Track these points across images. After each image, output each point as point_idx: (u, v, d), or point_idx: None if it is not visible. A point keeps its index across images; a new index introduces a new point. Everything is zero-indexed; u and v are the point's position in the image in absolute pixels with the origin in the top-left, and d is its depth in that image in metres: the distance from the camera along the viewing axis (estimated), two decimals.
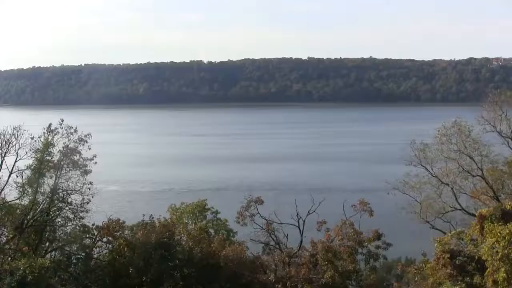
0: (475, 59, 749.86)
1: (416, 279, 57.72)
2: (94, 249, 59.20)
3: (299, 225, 63.98)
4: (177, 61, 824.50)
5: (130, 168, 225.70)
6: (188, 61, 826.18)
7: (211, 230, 70.09)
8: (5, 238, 55.76)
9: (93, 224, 59.58)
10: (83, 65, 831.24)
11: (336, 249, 59.39)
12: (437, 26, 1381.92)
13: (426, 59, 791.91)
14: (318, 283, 56.54)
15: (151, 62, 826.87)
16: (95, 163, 59.29)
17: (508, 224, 41.62)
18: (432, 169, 69.24)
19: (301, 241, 62.98)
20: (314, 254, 59.92)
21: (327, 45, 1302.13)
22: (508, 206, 47.34)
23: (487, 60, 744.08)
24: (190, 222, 70.46)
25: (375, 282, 61.53)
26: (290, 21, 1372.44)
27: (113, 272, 54.15)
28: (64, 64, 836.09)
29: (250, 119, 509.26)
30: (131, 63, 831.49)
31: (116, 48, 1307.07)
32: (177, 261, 55.21)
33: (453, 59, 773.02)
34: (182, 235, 59.77)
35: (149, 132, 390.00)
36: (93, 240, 59.40)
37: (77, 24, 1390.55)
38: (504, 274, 39.70)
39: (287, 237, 64.69)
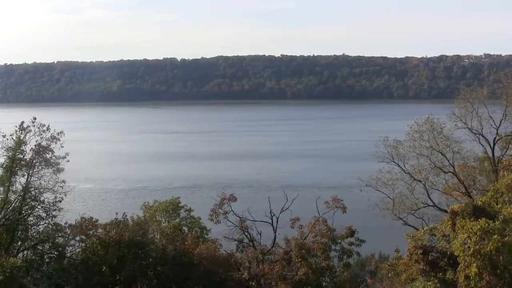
0: (447, 56, 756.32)
1: (389, 275, 58.07)
2: (67, 248, 58.67)
3: (272, 222, 64.00)
4: (150, 59, 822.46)
5: (104, 166, 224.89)
6: (162, 58, 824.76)
7: (185, 228, 70.00)
8: None
9: (66, 223, 59.05)
10: (55, 62, 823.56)
11: (310, 246, 59.46)
12: (409, 24, 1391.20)
13: (398, 57, 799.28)
14: (292, 280, 56.59)
15: (124, 59, 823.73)
16: (68, 161, 58.82)
17: (479, 220, 41.97)
18: (404, 165, 69.73)
19: (275, 238, 62.99)
20: (288, 251, 60.00)
21: (300, 42, 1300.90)
22: (480, 202, 47.77)
23: (458, 57, 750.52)
24: (164, 220, 70.29)
25: (349, 278, 61.77)
26: (263, 19, 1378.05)
27: (86, 270, 53.80)
28: (37, 62, 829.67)
29: (224, 116, 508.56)
30: (104, 61, 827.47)
31: (89, 45, 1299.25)
32: (151, 259, 55.06)
33: (425, 56, 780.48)
34: (156, 233, 59.63)
35: (123, 129, 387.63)
36: (66, 238, 58.90)
37: (50, 22, 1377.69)
38: (476, 269, 40.01)
39: (260, 234, 64.67)
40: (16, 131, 57.10)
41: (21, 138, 56.73)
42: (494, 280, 40.67)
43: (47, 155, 57.36)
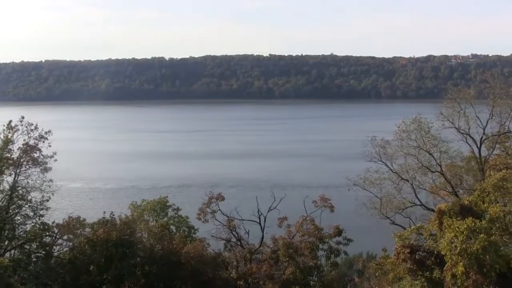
0: (434, 56, 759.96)
1: (377, 274, 58.25)
2: (54, 247, 58.49)
3: (260, 221, 64.05)
4: (139, 58, 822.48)
5: (92, 165, 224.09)
6: (150, 57, 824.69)
7: (173, 227, 69.94)
8: None
9: (53, 222, 58.82)
10: (43, 61, 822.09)
11: (297, 245, 59.51)
12: (397, 24, 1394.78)
13: (386, 57, 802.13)
14: (280, 279, 56.66)
15: (112, 58, 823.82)
16: (56, 160, 58.71)
17: (466, 219, 42.19)
18: (392, 165, 70.00)
19: (262, 238, 63.03)
20: (275, 250, 60.03)
21: (288, 42, 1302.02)
22: (466, 201, 48.04)
23: (445, 57, 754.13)
24: (152, 219, 70.28)
25: (336, 277, 61.87)
26: (251, 18, 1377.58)
27: (74, 270, 53.60)
28: (24, 60, 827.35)
29: (212, 116, 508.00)
30: (92, 60, 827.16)
31: (77, 44, 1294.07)
32: (138, 259, 54.94)
33: (412, 56, 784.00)
34: (143, 232, 59.50)
35: (111, 129, 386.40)
36: (53, 238, 58.70)
37: (37, 20, 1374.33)
38: (463, 268, 40.22)
39: (248, 233, 64.68)
40: (3, 130, 56.95)
41: (9, 137, 56.55)
42: (480, 278, 40.89)
43: (34, 154, 57.23)
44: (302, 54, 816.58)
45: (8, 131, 56.83)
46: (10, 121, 57.42)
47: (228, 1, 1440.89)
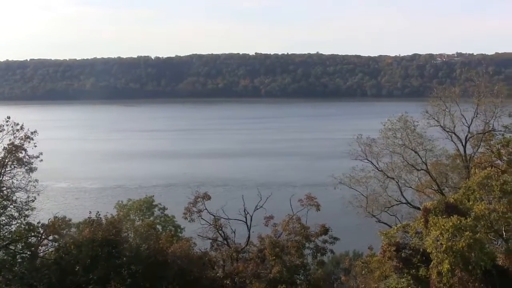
0: (420, 55, 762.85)
1: (363, 272, 58.48)
2: (39, 247, 58.11)
3: (246, 220, 64.11)
4: (124, 57, 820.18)
5: (78, 165, 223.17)
6: (135, 56, 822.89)
7: (159, 227, 69.79)
8: None
9: (38, 222, 58.41)
10: (28, 60, 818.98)
11: (284, 244, 59.60)
12: (383, 23, 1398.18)
13: (372, 55, 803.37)
14: (266, 278, 56.70)
15: (98, 57, 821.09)
16: (41, 160, 58.37)
17: (451, 217, 42.40)
18: (378, 163, 70.24)
19: (249, 237, 63.08)
20: (262, 249, 60.07)
21: (274, 40, 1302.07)
22: (452, 199, 48.31)
23: (431, 56, 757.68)
24: (137, 218, 70.14)
25: (323, 276, 62.03)
26: (237, 17, 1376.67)
27: (59, 270, 53.30)
28: (9, 59, 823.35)
29: (198, 114, 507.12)
30: (77, 58, 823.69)
31: (62, 43, 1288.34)
32: (124, 258, 54.71)
33: (398, 55, 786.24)
34: (129, 232, 59.29)
35: (97, 128, 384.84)
36: (39, 238, 58.35)
37: (22, 19, 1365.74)
38: (448, 266, 40.42)
39: (234, 232, 64.74)
40: None
41: None
42: (466, 276, 41.12)
43: (20, 154, 56.85)
44: (288, 53, 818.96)
45: None
46: None
47: (214, 0, 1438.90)
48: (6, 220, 57.60)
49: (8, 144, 56.22)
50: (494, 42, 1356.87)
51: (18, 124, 57.03)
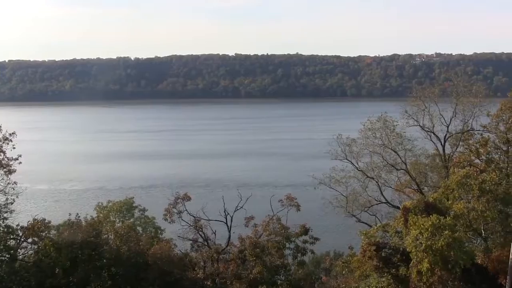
0: (399, 55, 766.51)
1: (343, 272, 58.59)
2: (19, 250, 57.64)
3: (226, 221, 64.00)
4: (104, 58, 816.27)
5: (58, 166, 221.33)
6: (115, 57, 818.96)
7: (139, 228, 69.64)
8: None
9: (17, 225, 57.94)
10: (7, 61, 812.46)
11: (264, 245, 59.64)
12: (362, 23, 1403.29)
13: (352, 55, 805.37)
14: (247, 279, 56.67)
15: (77, 58, 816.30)
16: (20, 163, 57.91)
17: (431, 216, 42.64)
18: (357, 163, 70.45)
19: (229, 237, 63.01)
20: (242, 250, 60.06)
21: (253, 41, 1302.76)
22: (431, 198, 48.58)
23: (410, 56, 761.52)
24: (118, 220, 69.80)
25: (304, 276, 62.07)
26: (216, 17, 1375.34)
27: (39, 273, 52.93)
28: None
29: (179, 115, 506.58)
30: (56, 60, 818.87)
31: (41, 44, 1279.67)
32: (104, 260, 54.44)
33: (377, 55, 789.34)
34: (109, 233, 58.98)
35: (77, 129, 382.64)
36: (18, 241, 57.89)
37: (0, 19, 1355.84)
38: (428, 265, 40.65)
39: (215, 233, 64.64)
40: None
41: None
42: (445, 275, 41.40)
43: None
44: (267, 54, 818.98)
45: None
46: None
47: (194, 0, 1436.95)
48: None
49: None
50: (472, 42, 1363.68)
51: None
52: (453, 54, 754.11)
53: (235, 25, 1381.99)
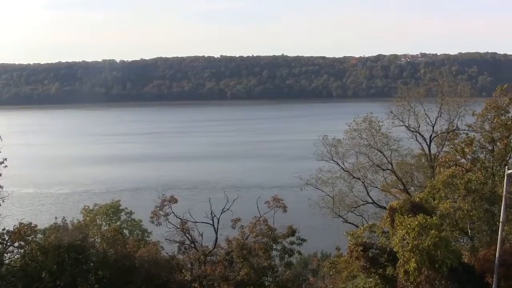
0: (384, 55, 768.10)
1: (331, 273, 58.71)
2: (5, 254, 57.31)
3: (213, 223, 63.90)
4: (89, 61, 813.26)
5: (44, 170, 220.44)
6: (100, 60, 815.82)
7: (126, 231, 69.48)
8: None
9: (3, 229, 57.58)
10: None
11: (251, 246, 59.61)
12: (347, 23, 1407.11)
13: (337, 56, 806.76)
14: (234, 280, 56.67)
15: (62, 61, 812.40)
16: (6, 166, 57.54)
17: (417, 216, 42.78)
18: (343, 164, 70.63)
19: (216, 239, 62.95)
20: (229, 251, 60.07)
21: (239, 43, 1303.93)
22: (417, 198, 48.75)
23: (395, 56, 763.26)
24: (104, 223, 69.63)
25: (291, 277, 62.13)
26: (202, 19, 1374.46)
27: (26, 277, 52.72)
28: None
29: (164, 117, 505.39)
30: (41, 63, 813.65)
31: (26, 47, 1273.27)
32: (91, 264, 54.31)
33: (363, 56, 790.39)
34: (96, 237, 58.83)
35: (63, 132, 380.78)
36: (4, 245, 57.56)
37: None
38: (415, 264, 40.77)
39: (202, 235, 64.51)
40: None
41: None
42: (432, 274, 41.54)
43: None
44: (253, 55, 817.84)
45: None
46: None
47: (178, 2, 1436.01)
48: None
49: None
50: (457, 42, 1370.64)
51: None
52: (438, 54, 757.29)
53: (221, 27, 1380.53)
